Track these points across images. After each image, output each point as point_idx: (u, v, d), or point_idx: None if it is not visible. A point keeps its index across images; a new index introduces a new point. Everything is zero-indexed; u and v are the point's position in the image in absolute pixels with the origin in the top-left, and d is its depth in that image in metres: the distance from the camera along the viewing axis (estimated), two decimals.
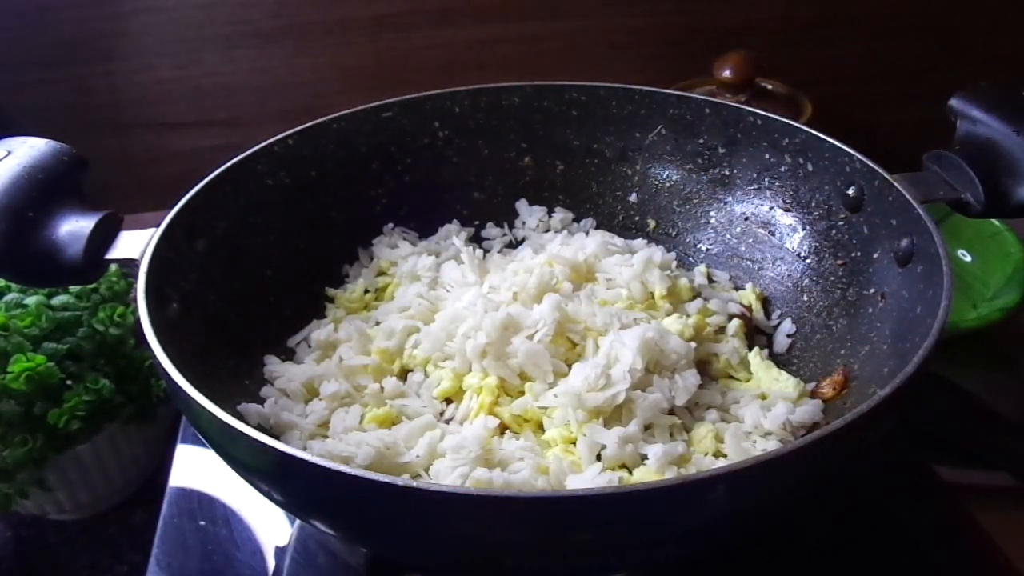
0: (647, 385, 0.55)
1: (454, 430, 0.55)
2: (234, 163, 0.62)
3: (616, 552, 0.41)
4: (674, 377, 0.56)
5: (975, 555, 0.59)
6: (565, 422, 0.53)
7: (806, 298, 0.64)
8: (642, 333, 0.55)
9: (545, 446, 0.53)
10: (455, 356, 0.58)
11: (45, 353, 0.63)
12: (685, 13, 1.01)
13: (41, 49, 0.96)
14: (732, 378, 0.61)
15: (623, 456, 0.51)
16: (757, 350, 0.62)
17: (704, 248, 0.71)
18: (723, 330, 0.64)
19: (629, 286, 0.64)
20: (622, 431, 0.51)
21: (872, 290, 0.58)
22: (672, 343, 0.56)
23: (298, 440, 0.54)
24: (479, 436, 0.52)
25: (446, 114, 0.72)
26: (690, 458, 0.52)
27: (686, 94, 0.70)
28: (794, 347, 0.64)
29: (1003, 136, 0.54)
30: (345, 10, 0.98)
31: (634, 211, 0.74)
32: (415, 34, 1.00)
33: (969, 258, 0.82)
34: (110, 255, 0.52)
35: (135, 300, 0.48)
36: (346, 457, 0.50)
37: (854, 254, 0.61)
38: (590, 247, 0.67)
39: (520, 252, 0.70)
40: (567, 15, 1.01)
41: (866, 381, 0.54)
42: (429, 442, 0.51)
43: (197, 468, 0.66)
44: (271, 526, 0.61)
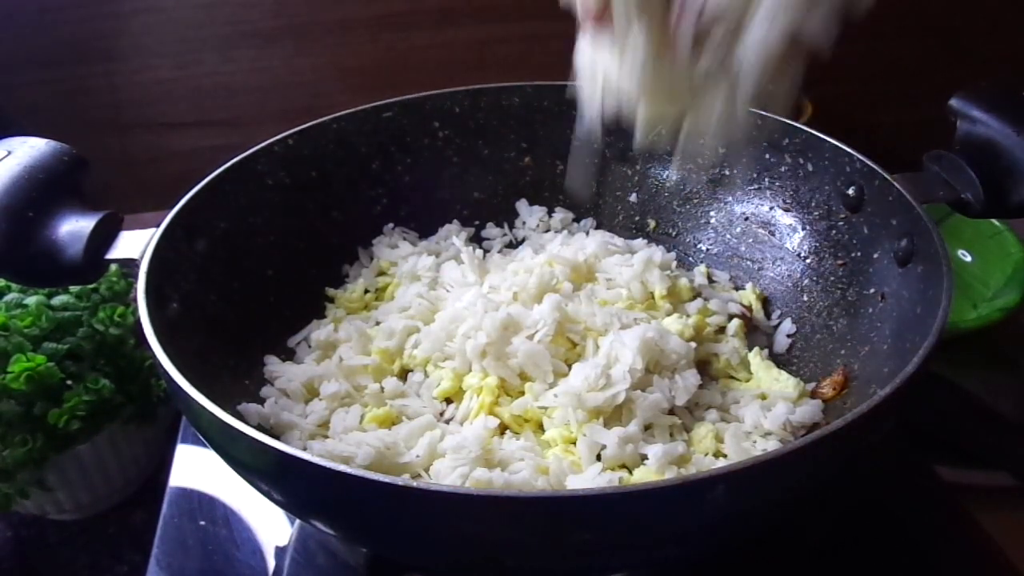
0: (647, 385, 0.55)
1: (454, 430, 0.55)
2: (234, 163, 0.62)
3: (616, 552, 0.41)
4: (674, 377, 0.56)
5: (975, 555, 0.59)
6: (565, 422, 0.53)
7: (806, 298, 0.64)
8: (642, 333, 0.55)
9: (545, 446, 0.53)
10: (455, 356, 0.58)
11: (45, 353, 0.63)
12: None
13: (41, 49, 0.96)
14: (732, 378, 0.61)
15: (623, 456, 0.51)
16: (757, 350, 0.62)
17: (704, 248, 0.71)
18: (723, 330, 0.64)
19: (629, 286, 0.64)
20: (622, 431, 0.51)
21: (872, 290, 0.58)
22: (672, 343, 0.56)
23: (298, 440, 0.54)
24: (479, 436, 0.52)
25: (446, 114, 0.72)
26: (690, 458, 0.52)
27: None
28: (794, 347, 0.64)
29: (1003, 136, 0.54)
30: (345, 10, 0.98)
31: (634, 211, 0.74)
32: (415, 34, 1.00)
33: (969, 258, 0.82)
34: (110, 255, 0.52)
35: (135, 300, 0.48)
36: (346, 457, 0.49)
37: (854, 254, 0.61)
38: (590, 247, 0.67)
39: (520, 252, 0.70)
40: (567, 15, 1.00)
41: (866, 381, 0.54)
42: (429, 442, 0.51)
43: (197, 468, 0.65)
44: (271, 526, 0.61)
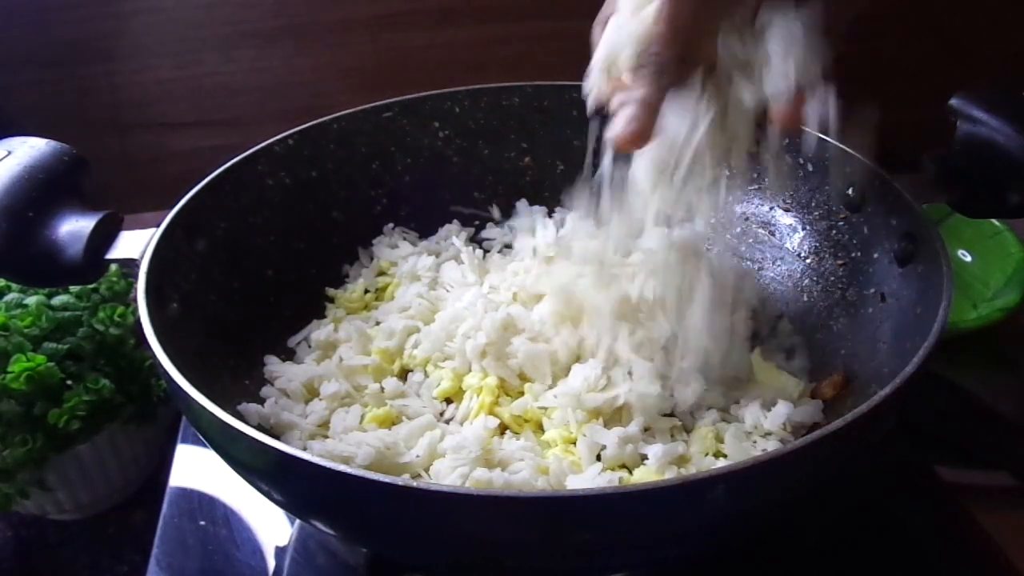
0: None
1: (454, 430, 0.55)
2: (234, 163, 0.62)
3: (616, 552, 0.41)
4: None
5: (975, 555, 0.59)
6: (565, 423, 0.53)
7: (806, 298, 0.64)
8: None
9: (545, 446, 0.53)
10: (455, 356, 0.58)
11: (45, 353, 0.63)
12: None
13: (41, 49, 0.96)
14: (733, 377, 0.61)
15: (623, 456, 0.51)
16: (758, 350, 0.62)
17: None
18: None
19: None
20: (622, 431, 0.51)
21: (872, 290, 0.58)
22: None
23: (298, 440, 0.54)
24: (479, 436, 0.51)
25: (446, 114, 0.72)
26: (690, 458, 0.52)
27: None
28: (794, 347, 0.63)
29: (1003, 136, 0.54)
30: (345, 10, 0.98)
31: None
32: (415, 34, 1.00)
33: (969, 258, 0.82)
34: (110, 255, 0.52)
35: (135, 300, 0.48)
36: (346, 457, 0.49)
37: (854, 254, 0.60)
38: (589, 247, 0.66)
39: (520, 252, 0.70)
40: (567, 15, 1.00)
41: (866, 381, 0.54)
42: (429, 442, 0.51)
43: (197, 468, 0.65)
44: (271, 526, 0.61)
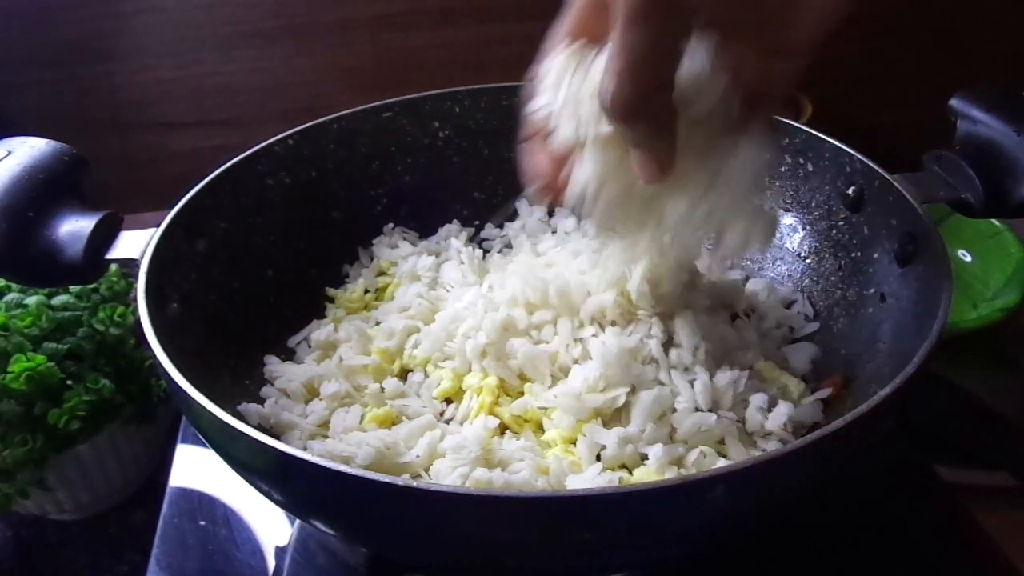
0: None
1: (454, 430, 0.54)
2: (234, 163, 0.62)
3: (616, 552, 0.41)
4: None
5: (975, 555, 0.59)
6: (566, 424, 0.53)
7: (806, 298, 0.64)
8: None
9: (545, 446, 0.53)
10: (455, 356, 0.58)
11: (45, 353, 0.63)
12: None
13: (41, 49, 0.96)
14: None
15: (623, 456, 0.51)
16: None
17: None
18: None
19: None
20: (622, 431, 0.51)
21: (872, 290, 0.58)
22: None
23: (298, 440, 0.54)
24: (479, 436, 0.51)
25: (446, 114, 0.72)
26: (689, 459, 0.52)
27: None
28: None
29: (1003, 136, 0.54)
30: (345, 10, 0.98)
31: None
32: (415, 34, 1.00)
33: (969, 258, 0.82)
34: (110, 255, 0.52)
35: (135, 300, 0.48)
36: (346, 457, 0.49)
37: (854, 254, 0.60)
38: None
39: (519, 253, 0.70)
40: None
41: (866, 381, 0.54)
42: (429, 442, 0.51)
43: (197, 468, 0.65)
44: (271, 526, 0.61)
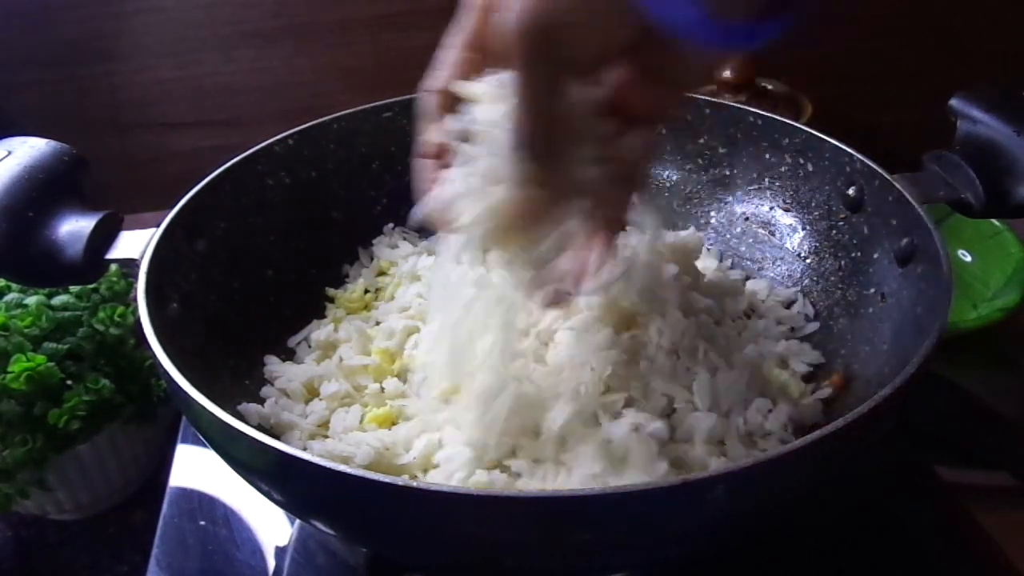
0: None
1: (453, 432, 0.54)
2: (234, 163, 0.62)
3: (616, 552, 0.41)
4: None
5: (975, 555, 0.59)
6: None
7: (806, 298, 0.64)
8: None
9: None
10: None
11: (45, 353, 0.63)
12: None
13: (41, 49, 0.96)
14: None
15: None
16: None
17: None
18: None
19: None
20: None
21: (872, 290, 0.58)
22: None
23: (298, 440, 0.54)
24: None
25: None
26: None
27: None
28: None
29: (1003, 136, 0.54)
30: (345, 10, 0.98)
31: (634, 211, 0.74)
32: (415, 34, 1.00)
33: (969, 258, 0.82)
34: (110, 255, 0.52)
35: (135, 300, 0.48)
36: (346, 457, 0.49)
37: (854, 254, 0.60)
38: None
39: None
40: None
41: (866, 381, 0.54)
42: (427, 444, 0.51)
43: (197, 468, 0.65)
44: (271, 526, 0.61)
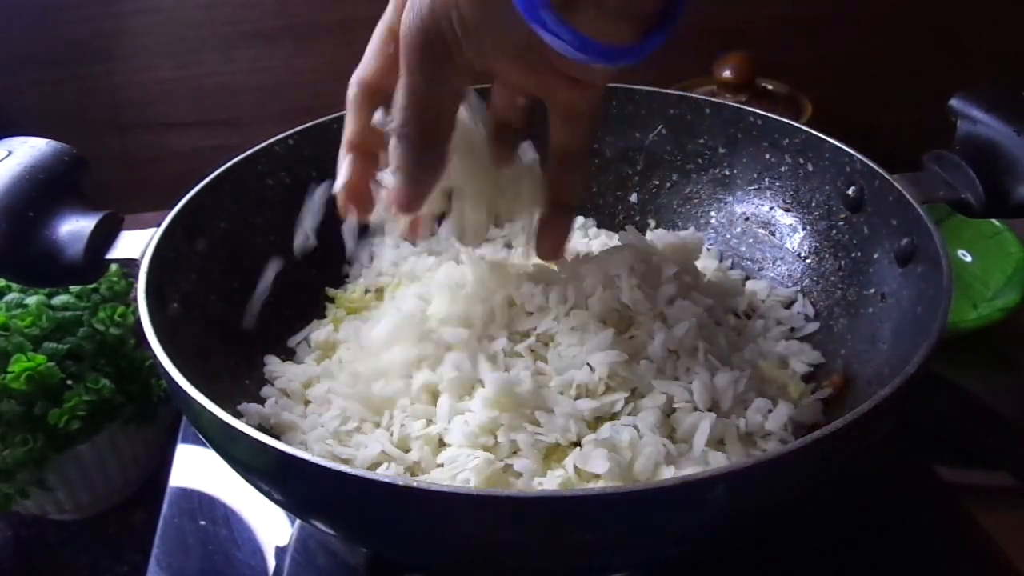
0: None
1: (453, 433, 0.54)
2: (234, 163, 0.62)
3: (616, 552, 0.41)
4: None
5: (975, 555, 0.59)
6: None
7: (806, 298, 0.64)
8: None
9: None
10: None
11: (45, 353, 0.63)
12: (685, 13, 1.01)
13: (41, 49, 0.96)
14: None
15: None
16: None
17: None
18: None
19: None
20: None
21: (872, 290, 0.58)
22: None
23: (298, 440, 0.54)
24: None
25: None
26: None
27: (686, 94, 0.70)
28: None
29: (1003, 136, 0.54)
30: (345, 10, 0.98)
31: (634, 211, 0.74)
32: None
33: (969, 258, 0.82)
34: (110, 255, 0.52)
35: (135, 300, 0.48)
36: (346, 457, 0.50)
37: (854, 254, 0.60)
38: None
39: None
40: None
41: (866, 381, 0.54)
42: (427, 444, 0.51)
43: (197, 468, 0.65)
44: (271, 526, 0.61)
